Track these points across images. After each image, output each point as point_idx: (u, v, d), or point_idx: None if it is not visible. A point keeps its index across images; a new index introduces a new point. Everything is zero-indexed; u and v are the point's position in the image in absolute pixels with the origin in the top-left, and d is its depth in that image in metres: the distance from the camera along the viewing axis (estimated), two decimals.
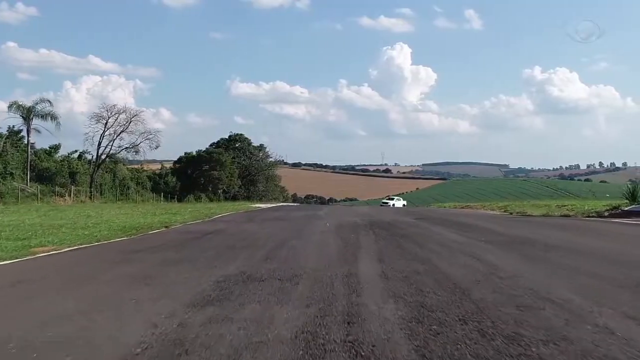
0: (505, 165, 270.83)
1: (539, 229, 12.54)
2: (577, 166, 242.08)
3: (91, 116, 47.32)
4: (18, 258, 7.54)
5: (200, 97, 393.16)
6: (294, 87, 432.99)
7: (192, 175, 60.40)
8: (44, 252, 8.34)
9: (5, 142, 40.07)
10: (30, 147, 41.23)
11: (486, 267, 6.17)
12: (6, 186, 35.40)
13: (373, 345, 3.18)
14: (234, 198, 56.80)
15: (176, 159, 66.12)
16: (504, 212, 22.44)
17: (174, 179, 59.79)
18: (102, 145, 46.86)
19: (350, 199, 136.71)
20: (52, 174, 42.50)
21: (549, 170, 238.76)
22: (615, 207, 17.64)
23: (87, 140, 46.68)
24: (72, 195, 39.30)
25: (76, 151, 50.18)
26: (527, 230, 12.01)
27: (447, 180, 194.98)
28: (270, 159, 71.72)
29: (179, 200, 51.13)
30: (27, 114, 40.38)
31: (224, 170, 59.51)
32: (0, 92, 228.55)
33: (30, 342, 3.41)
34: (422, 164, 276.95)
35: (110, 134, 46.94)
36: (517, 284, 5.04)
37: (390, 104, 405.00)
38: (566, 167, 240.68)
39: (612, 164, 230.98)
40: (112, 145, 47.54)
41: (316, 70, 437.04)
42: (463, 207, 30.47)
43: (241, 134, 70.42)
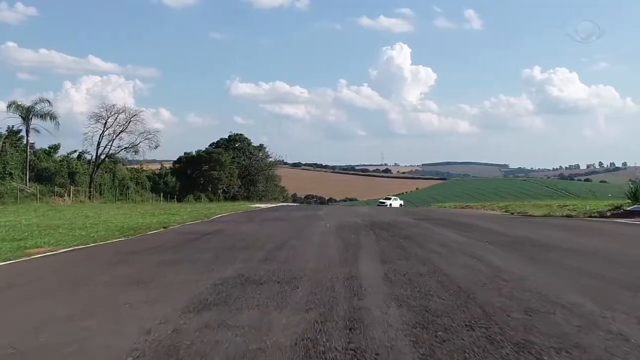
0: (505, 165, 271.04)
1: (542, 230, 12.40)
2: (577, 166, 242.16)
3: (90, 116, 47.22)
4: (12, 259, 7.38)
5: (200, 97, 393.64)
6: (293, 87, 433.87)
7: (192, 175, 60.28)
8: (39, 253, 8.19)
9: (4, 142, 39.95)
10: (29, 147, 41.11)
11: (490, 269, 6.02)
12: (5, 186, 35.27)
13: (376, 354, 3.03)
14: (234, 198, 56.68)
15: (176, 159, 66.07)
16: (505, 212, 22.33)
17: (174, 179, 59.67)
18: (101, 145, 46.83)
19: (350, 199, 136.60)
20: (51, 174, 42.39)
21: (548, 170, 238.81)
22: (617, 207, 17.52)
23: (86, 140, 46.61)
24: (71, 196, 39.19)
25: (75, 151, 50.20)
26: (530, 231, 11.86)
27: (446, 180, 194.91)
28: (270, 159, 71.72)
29: (179, 200, 51.00)
30: (26, 113, 40.28)
31: (224, 170, 59.38)
32: (0, 92, 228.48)
33: (18, 349, 3.26)
34: (422, 164, 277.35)
35: (109, 134, 46.90)
36: (523, 286, 4.88)
37: (390, 104, 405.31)
38: (566, 167, 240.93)
39: (612, 164, 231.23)
40: (111, 145, 47.51)
41: (316, 70, 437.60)
42: (463, 207, 30.34)
43: (241, 134, 70.46)
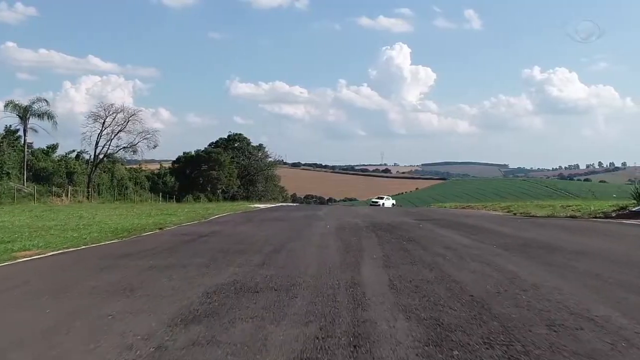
0: (505, 165, 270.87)
1: (549, 231, 12.01)
2: (577, 166, 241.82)
3: (88, 115, 46.71)
4: None
5: (199, 97, 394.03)
6: (293, 87, 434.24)
7: (191, 175, 59.85)
8: (25, 256, 7.82)
9: (1, 142, 39.54)
10: (27, 147, 40.68)
11: (502, 275, 5.63)
12: (2, 186, 34.86)
13: None
14: (233, 198, 56.23)
15: (175, 158, 65.61)
16: (507, 212, 21.92)
17: (173, 179, 59.25)
18: (99, 144, 46.25)
19: (350, 199, 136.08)
20: (49, 174, 41.98)
21: (548, 170, 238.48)
22: (622, 208, 17.15)
23: (84, 139, 46.03)
24: (69, 196, 38.77)
25: (74, 151, 49.73)
26: (537, 233, 11.47)
27: (446, 180, 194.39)
28: (270, 159, 71.22)
29: (178, 200, 50.57)
30: (24, 113, 39.81)
31: (223, 170, 58.95)
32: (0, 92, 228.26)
33: None
34: (422, 164, 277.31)
35: (107, 134, 46.30)
36: (542, 295, 4.49)
37: (390, 104, 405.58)
38: (565, 167, 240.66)
39: (612, 164, 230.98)
40: (109, 145, 46.93)
41: (315, 70, 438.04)
42: (464, 207, 29.93)
43: (240, 134, 69.98)
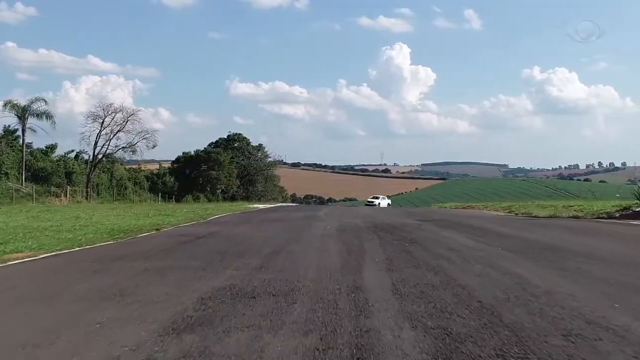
0: (505, 165, 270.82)
1: (553, 232, 11.78)
2: (577, 166, 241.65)
3: (87, 115, 46.49)
4: None
5: (199, 97, 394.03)
6: (293, 87, 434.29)
7: (191, 175, 59.60)
8: (17, 259, 7.59)
9: (0, 142, 39.32)
10: (26, 147, 40.47)
11: (511, 279, 5.40)
12: (0, 186, 34.65)
13: None
14: (233, 198, 55.99)
15: (174, 158, 65.36)
16: (508, 212, 21.68)
17: (172, 179, 59.03)
18: (98, 144, 46.07)
19: (350, 199, 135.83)
20: (48, 174, 41.78)
21: (548, 170, 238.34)
22: (625, 208, 16.93)
23: (83, 139, 45.84)
24: (68, 196, 38.55)
25: (72, 151, 49.59)
26: (541, 234, 11.25)
27: (446, 180, 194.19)
28: (269, 159, 70.97)
29: (177, 200, 50.36)
30: (22, 113, 39.62)
31: (223, 170, 58.71)
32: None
33: None
34: (422, 164, 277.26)
35: (106, 133, 46.12)
36: (555, 302, 4.25)
37: (390, 104, 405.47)
38: (565, 167, 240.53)
39: (612, 164, 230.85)
40: (108, 145, 46.76)
41: (315, 70, 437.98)
42: (465, 208, 29.67)
43: (240, 134, 69.72)
